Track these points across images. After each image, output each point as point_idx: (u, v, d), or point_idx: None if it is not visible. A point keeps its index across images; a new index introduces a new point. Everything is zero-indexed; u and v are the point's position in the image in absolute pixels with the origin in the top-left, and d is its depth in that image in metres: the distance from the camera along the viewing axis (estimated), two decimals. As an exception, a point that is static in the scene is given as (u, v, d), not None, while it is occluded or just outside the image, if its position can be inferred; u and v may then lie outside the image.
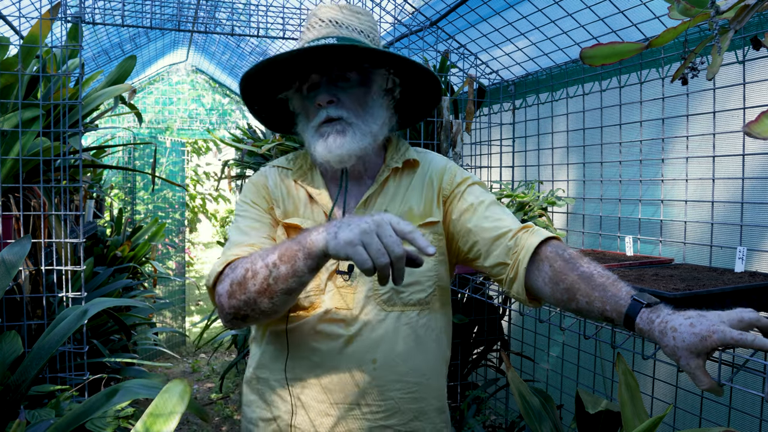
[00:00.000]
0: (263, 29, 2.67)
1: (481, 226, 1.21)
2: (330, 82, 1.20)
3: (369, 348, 1.16)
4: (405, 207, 1.25)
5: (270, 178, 1.29)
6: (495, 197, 1.29)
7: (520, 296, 1.16)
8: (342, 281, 1.18)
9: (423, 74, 1.26)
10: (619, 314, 0.98)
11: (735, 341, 0.83)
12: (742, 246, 1.57)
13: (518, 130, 2.84)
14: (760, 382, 1.11)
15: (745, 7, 0.83)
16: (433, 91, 1.31)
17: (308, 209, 1.25)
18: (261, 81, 1.27)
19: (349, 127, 1.18)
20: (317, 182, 1.27)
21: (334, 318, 1.17)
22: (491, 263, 1.19)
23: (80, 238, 2.10)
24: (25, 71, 2.09)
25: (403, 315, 1.19)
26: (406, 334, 1.19)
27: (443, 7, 2.60)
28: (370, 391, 1.16)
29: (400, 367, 1.18)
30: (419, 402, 1.21)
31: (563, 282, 1.07)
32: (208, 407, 4.04)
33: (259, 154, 3.20)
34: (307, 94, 1.22)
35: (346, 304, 1.18)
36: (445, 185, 1.28)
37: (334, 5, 1.26)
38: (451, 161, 1.34)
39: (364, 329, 1.17)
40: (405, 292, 1.19)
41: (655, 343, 0.93)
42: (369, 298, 1.18)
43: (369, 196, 1.24)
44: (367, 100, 1.22)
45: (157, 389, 1.43)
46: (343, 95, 1.20)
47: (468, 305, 2.64)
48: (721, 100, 1.75)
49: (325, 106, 1.18)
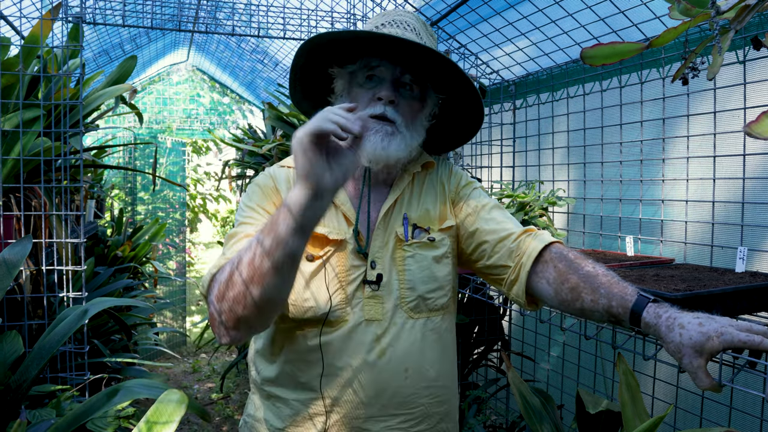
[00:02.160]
0: (264, 29, 2.67)
1: (486, 229, 1.22)
2: (396, 83, 1.18)
3: (401, 358, 1.15)
4: (422, 209, 1.24)
5: (280, 181, 1.22)
6: (496, 201, 1.30)
7: (519, 299, 1.17)
8: (370, 291, 1.16)
9: (473, 111, 1.27)
10: (625, 309, 0.98)
11: (743, 343, 0.83)
12: (743, 246, 1.57)
13: (519, 130, 2.83)
14: (761, 382, 1.11)
15: (746, 7, 0.83)
16: (467, 129, 1.34)
17: (330, 216, 1.19)
18: (320, 51, 1.22)
19: (399, 134, 1.16)
20: None
21: (365, 331, 1.14)
22: (493, 264, 1.20)
23: (81, 238, 2.10)
24: (26, 71, 2.09)
25: (429, 321, 1.19)
26: (432, 339, 1.19)
27: (444, 7, 2.60)
28: (402, 401, 1.14)
29: (430, 373, 1.18)
30: (444, 404, 1.21)
31: (568, 282, 1.08)
32: (209, 407, 4.04)
33: (259, 154, 3.20)
34: (366, 81, 1.19)
35: (375, 315, 1.15)
36: (452, 188, 1.29)
37: (416, 16, 1.25)
38: (455, 165, 1.35)
39: (395, 340, 1.15)
40: (431, 298, 1.19)
41: (659, 338, 0.93)
42: (397, 307, 1.16)
43: (391, 206, 1.22)
44: (419, 116, 1.22)
45: (158, 389, 1.43)
46: (403, 102, 1.18)
47: (468, 305, 2.64)
48: (722, 100, 1.75)
49: (386, 103, 1.16)
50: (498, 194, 2.29)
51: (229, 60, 5.77)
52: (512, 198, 2.21)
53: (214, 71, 6.79)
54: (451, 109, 1.31)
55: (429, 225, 1.22)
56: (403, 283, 1.17)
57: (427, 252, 1.20)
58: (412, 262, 1.18)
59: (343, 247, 1.17)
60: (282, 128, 2.99)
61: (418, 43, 1.12)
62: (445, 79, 1.23)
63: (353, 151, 0.94)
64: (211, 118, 7.04)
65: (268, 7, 2.67)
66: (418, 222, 1.22)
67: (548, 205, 2.16)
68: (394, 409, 1.14)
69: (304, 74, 1.28)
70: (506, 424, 2.71)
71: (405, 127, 1.17)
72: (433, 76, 1.23)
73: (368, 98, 1.17)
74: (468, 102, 1.26)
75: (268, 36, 2.70)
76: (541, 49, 2.42)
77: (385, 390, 1.13)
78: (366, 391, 1.13)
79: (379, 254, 1.18)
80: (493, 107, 2.98)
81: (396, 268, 1.18)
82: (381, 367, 1.13)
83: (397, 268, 1.18)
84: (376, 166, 1.18)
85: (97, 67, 4.23)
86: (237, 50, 5.25)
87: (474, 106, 1.27)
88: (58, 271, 2.14)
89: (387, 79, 1.18)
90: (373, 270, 1.16)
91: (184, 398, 1.02)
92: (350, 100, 1.20)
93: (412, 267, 1.18)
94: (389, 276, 1.17)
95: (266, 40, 4.46)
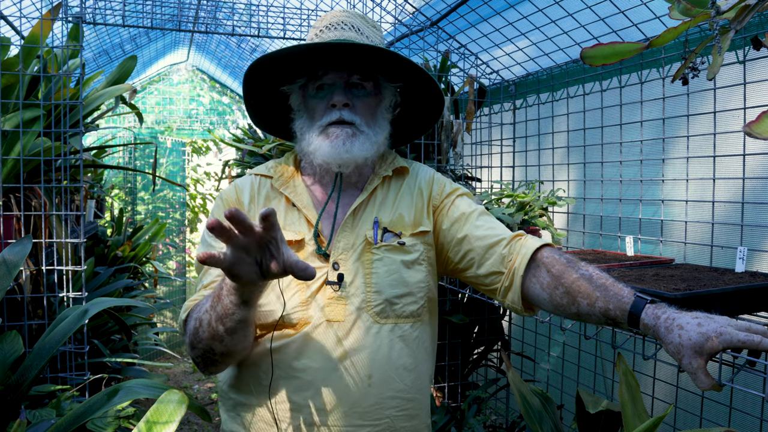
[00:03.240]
0: (264, 29, 2.67)
1: (474, 235, 1.19)
2: (346, 86, 1.19)
3: (364, 363, 1.11)
4: (395, 214, 1.22)
5: (245, 191, 1.23)
6: (483, 207, 1.28)
7: (515, 305, 1.14)
8: (332, 292, 1.13)
9: (432, 94, 1.27)
10: (623, 312, 0.98)
11: (742, 343, 0.83)
12: (743, 246, 1.57)
13: (519, 130, 2.83)
14: (761, 382, 1.11)
15: (746, 7, 0.83)
16: (431, 114, 1.33)
17: (292, 219, 1.20)
18: (267, 72, 1.24)
19: (360, 133, 1.17)
20: (300, 191, 1.23)
21: (326, 332, 1.11)
22: (484, 272, 1.17)
23: (81, 238, 2.10)
24: (26, 71, 2.09)
25: (397, 327, 1.15)
26: (400, 347, 1.14)
27: (444, 7, 2.60)
28: (365, 410, 1.10)
29: (396, 383, 1.13)
30: (413, 419, 1.16)
31: (562, 285, 1.06)
32: (209, 407, 4.04)
33: (259, 154, 3.20)
34: (316, 92, 1.20)
35: (337, 316, 1.12)
36: (435, 195, 1.26)
37: (354, 12, 1.25)
38: (438, 172, 1.33)
39: (358, 342, 1.11)
40: (398, 303, 1.15)
41: (658, 339, 0.93)
42: (361, 309, 1.13)
43: (358, 206, 1.21)
44: (377, 111, 1.22)
45: (158, 389, 1.43)
46: (358, 102, 1.19)
47: (468, 305, 2.64)
48: (722, 100, 1.75)
49: (341, 108, 1.17)
50: (498, 194, 2.29)
51: (229, 60, 5.77)
52: (512, 198, 2.20)
53: (214, 71, 6.79)
54: (414, 94, 1.30)
55: (401, 230, 1.20)
56: (369, 286, 1.15)
57: (396, 256, 1.17)
58: (379, 265, 1.16)
59: (301, 247, 1.16)
60: (282, 128, 2.99)
61: (351, 41, 1.13)
62: (396, 68, 1.22)
63: (270, 235, 0.88)
64: (211, 118, 7.03)
65: (268, 7, 2.67)
66: (390, 226, 1.20)
67: (548, 205, 2.16)
68: (358, 419, 1.09)
69: (260, 99, 1.31)
70: (506, 424, 2.71)
71: (366, 125, 1.18)
72: (384, 68, 1.22)
73: (323, 107, 1.18)
74: (425, 85, 1.26)
75: (268, 36, 2.70)
76: (541, 49, 2.42)
77: (345, 396, 1.09)
78: (326, 396, 1.09)
79: (343, 256, 1.16)
80: (493, 107, 2.98)
81: (363, 270, 1.16)
82: (342, 371, 1.09)
83: (364, 271, 1.16)
84: (347, 169, 1.18)
85: (97, 67, 4.23)
86: (237, 50, 5.24)
87: (430, 89, 1.26)
88: (58, 271, 2.14)
89: (337, 83, 1.18)
90: (335, 270, 1.15)
91: (184, 398, 1.02)
92: (307, 112, 1.22)
93: (379, 270, 1.16)
94: (354, 277, 1.15)
95: (266, 40, 4.46)
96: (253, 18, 2.74)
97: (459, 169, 2.65)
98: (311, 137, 1.19)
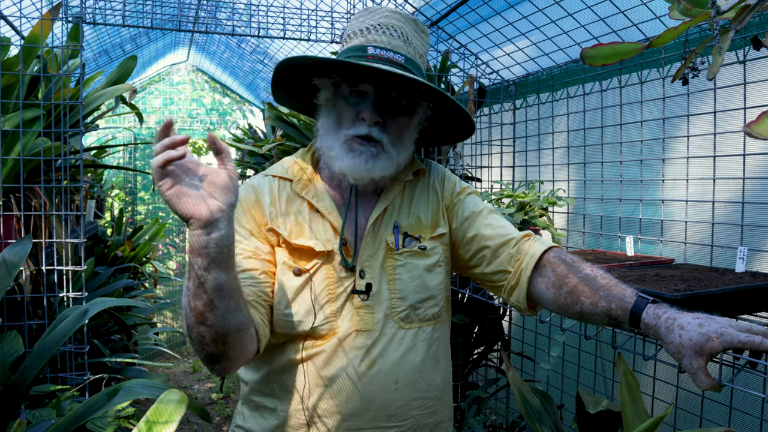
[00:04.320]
0: (264, 29, 2.67)
1: (484, 234, 1.20)
2: (381, 99, 1.14)
3: (391, 369, 1.12)
4: (413, 218, 1.22)
5: (265, 193, 1.18)
6: (491, 205, 1.29)
7: (519, 304, 1.16)
8: (359, 301, 1.13)
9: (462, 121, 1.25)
10: (624, 311, 0.99)
11: (742, 344, 0.83)
12: (743, 246, 1.57)
13: (519, 130, 2.83)
14: (761, 383, 1.11)
15: (746, 7, 0.83)
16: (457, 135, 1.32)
17: (317, 226, 1.17)
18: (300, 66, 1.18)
19: (384, 154, 1.13)
20: (321, 194, 1.19)
21: (355, 341, 1.12)
22: (492, 270, 1.19)
23: (81, 238, 2.10)
24: (26, 71, 2.09)
25: (420, 331, 1.16)
26: (423, 350, 1.16)
27: (444, 7, 2.60)
28: (392, 413, 1.12)
29: (420, 384, 1.15)
30: (435, 415, 1.19)
31: (566, 285, 1.08)
32: (209, 407, 4.04)
33: (259, 154, 3.20)
34: (350, 95, 1.15)
35: (365, 326, 1.13)
36: (446, 194, 1.27)
37: (405, 16, 1.20)
38: (447, 169, 1.33)
39: (385, 350, 1.13)
40: (421, 308, 1.16)
41: (658, 339, 0.93)
42: (387, 317, 1.14)
43: (380, 214, 1.19)
44: (406, 130, 1.19)
45: (158, 389, 1.43)
46: (390, 120, 1.15)
47: (468, 305, 2.64)
48: (722, 100, 1.75)
49: (371, 124, 1.12)
50: (498, 194, 2.28)
51: (229, 60, 5.76)
52: (512, 198, 2.20)
53: (214, 71, 6.78)
54: (443, 109, 1.27)
55: (420, 233, 1.20)
56: (393, 293, 1.15)
57: (419, 261, 1.18)
58: (402, 272, 1.16)
59: (331, 259, 1.14)
60: (282, 128, 2.99)
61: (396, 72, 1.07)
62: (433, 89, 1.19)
63: (224, 166, 0.91)
64: (211, 118, 7.03)
65: (268, 7, 2.67)
66: (409, 230, 1.20)
67: (548, 205, 2.16)
68: (384, 422, 1.11)
69: (286, 82, 1.25)
70: (506, 424, 2.71)
71: (392, 145, 1.14)
72: (422, 87, 1.17)
73: (353, 116, 1.13)
74: (456, 112, 1.23)
75: (268, 36, 2.70)
76: (541, 49, 2.42)
77: (374, 402, 1.11)
78: (354, 402, 1.10)
79: (368, 263, 1.15)
80: (493, 107, 2.98)
81: (386, 277, 1.16)
82: (370, 379, 1.11)
83: (388, 278, 1.16)
84: (362, 182, 1.15)
85: (97, 67, 4.22)
86: (237, 50, 5.24)
87: (461, 119, 1.24)
88: (58, 271, 2.14)
89: (371, 94, 1.13)
90: (362, 279, 1.14)
91: (184, 398, 1.02)
92: (335, 112, 1.16)
93: (402, 276, 1.16)
94: (379, 285, 1.15)
95: (266, 41, 4.46)
96: (253, 18, 2.74)
97: (459, 169, 2.65)
98: (334, 143, 1.15)
